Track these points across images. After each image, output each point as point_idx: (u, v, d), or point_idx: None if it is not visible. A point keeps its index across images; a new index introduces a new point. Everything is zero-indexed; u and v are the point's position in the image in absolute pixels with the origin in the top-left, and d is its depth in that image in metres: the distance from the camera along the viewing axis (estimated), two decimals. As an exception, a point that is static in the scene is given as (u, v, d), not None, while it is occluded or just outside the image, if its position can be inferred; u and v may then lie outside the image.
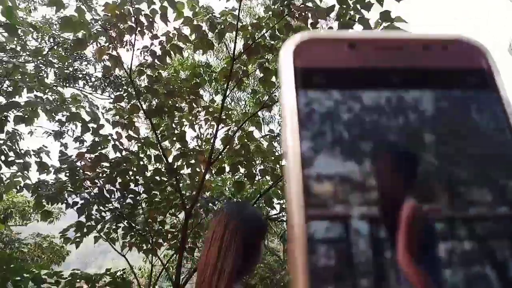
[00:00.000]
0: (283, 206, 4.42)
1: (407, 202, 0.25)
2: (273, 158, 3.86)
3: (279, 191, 4.32)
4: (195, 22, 3.49)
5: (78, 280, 4.01)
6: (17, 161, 4.01)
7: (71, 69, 4.63)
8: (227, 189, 4.50)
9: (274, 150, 3.78)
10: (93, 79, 5.63)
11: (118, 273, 4.00)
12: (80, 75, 4.90)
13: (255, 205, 4.07)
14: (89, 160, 3.52)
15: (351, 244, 0.24)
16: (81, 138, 4.11)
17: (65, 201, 3.97)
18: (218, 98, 4.35)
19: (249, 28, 3.54)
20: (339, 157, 0.26)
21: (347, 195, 0.25)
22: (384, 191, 0.26)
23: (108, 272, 4.26)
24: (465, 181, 0.26)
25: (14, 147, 4.02)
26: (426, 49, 0.29)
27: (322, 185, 0.25)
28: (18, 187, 4.07)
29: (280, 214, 4.64)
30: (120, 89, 4.18)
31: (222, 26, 3.48)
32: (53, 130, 4.69)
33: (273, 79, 3.62)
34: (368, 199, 0.25)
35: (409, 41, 0.29)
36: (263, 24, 3.51)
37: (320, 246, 0.24)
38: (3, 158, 3.94)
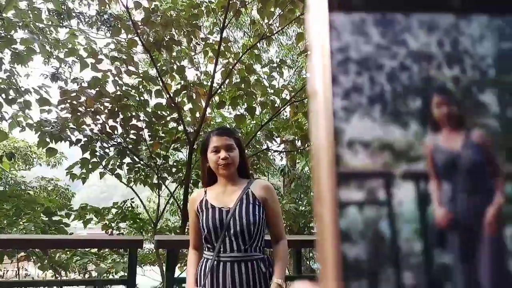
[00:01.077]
0: (283, 139, 4.51)
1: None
2: (272, 91, 3.90)
3: (279, 125, 4.40)
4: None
5: (87, 213, 4.19)
6: (18, 100, 4.03)
7: (64, 7, 4.52)
8: (227, 124, 4.57)
9: (274, 82, 3.80)
10: (86, 18, 5.52)
11: (127, 203, 4.14)
12: (74, 14, 4.79)
13: (255, 138, 4.16)
14: (91, 95, 3.54)
15: (390, 207, 0.22)
16: (80, 78, 4.11)
17: (69, 139, 4.04)
18: (217, 33, 4.30)
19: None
20: (380, 118, 0.23)
21: (386, 160, 0.22)
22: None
23: (115, 206, 4.44)
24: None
25: (13, 86, 4.03)
26: None
27: (358, 146, 0.22)
28: (21, 127, 4.12)
29: (280, 147, 4.76)
30: (116, 26, 4.11)
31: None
32: (50, 72, 4.68)
33: (272, 8, 3.58)
34: (412, 161, 0.22)
35: None
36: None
37: (352, 211, 0.22)
38: (4, 96, 3.95)
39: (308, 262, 5.81)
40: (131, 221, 4.22)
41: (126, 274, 2.42)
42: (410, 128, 0.23)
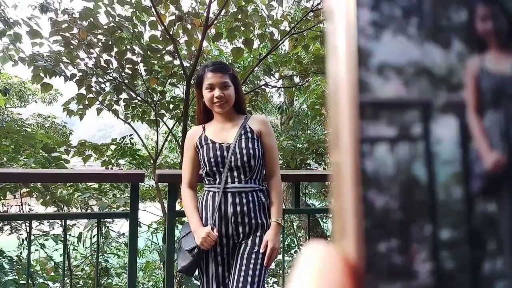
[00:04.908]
0: (282, 74, 4.43)
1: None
2: (271, 22, 3.75)
3: (278, 59, 4.29)
4: None
5: (86, 149, 4.19)
6: (8, 32, 3.87)
7: None
8: (224, 58, 4.45)
9: (272, 12, 3.65)
10: None
11: (126, 139, 4.13)
12: None
13: (253, 73, 4.08)
14: (83, 26, 3.40)
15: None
16: (71, 8, 3.93)
17: (63, 74, 3.94)
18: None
19: None
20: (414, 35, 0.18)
21: (420, 87, 0.18)
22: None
23: (114, 142, 4.45)
24: None
25: (1, 18, 3.85)
26: None
27: (387, 71, 0.17)
28: (13, 61, 4.00)
29: (278, 83, 4.68)
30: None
31: None
32: (38, 3, 4.46)
33: None
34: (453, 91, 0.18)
35: None
36: None
37: (379, 150, 0.17)
38: (-8, 28, 3.79)
39: (304, 198, 5.95)
40: (131, 158, 4.24)
41: (127, 208, 2.46)
42: (451, 47, 0.18)
